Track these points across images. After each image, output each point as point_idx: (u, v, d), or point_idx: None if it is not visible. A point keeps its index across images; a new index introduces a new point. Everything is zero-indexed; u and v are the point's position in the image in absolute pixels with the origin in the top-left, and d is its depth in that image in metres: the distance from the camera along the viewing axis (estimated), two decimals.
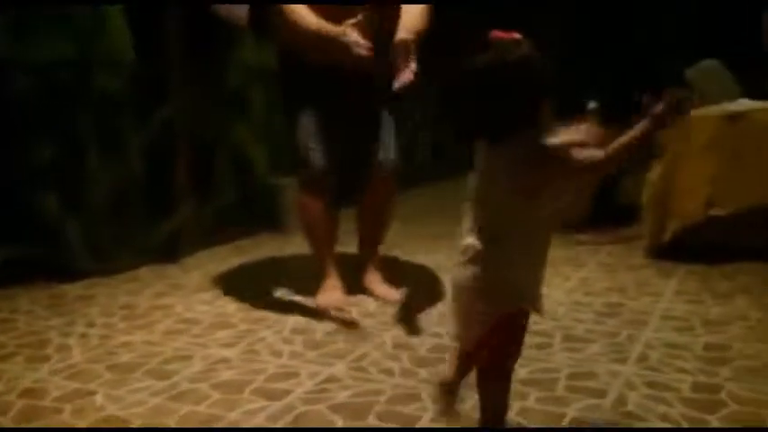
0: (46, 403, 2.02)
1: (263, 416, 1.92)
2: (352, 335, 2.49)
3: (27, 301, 2.94)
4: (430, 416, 1.90)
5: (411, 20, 2.58)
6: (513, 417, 1.87)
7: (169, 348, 2.41)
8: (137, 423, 1.89)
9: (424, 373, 2.16)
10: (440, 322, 2.58)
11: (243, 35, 3.96)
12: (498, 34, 1.52)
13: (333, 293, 2.83)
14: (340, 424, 1.87)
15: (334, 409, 1.95)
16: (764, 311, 2.67)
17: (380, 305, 2.81)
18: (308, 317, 2.67)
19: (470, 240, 1.57)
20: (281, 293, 2.96)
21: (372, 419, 1.89)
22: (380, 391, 2.05)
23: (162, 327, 2.62)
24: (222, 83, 3.96)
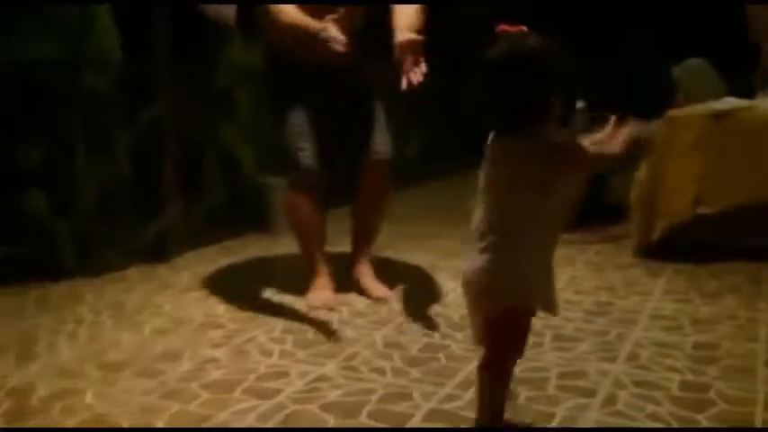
0: (34, 402, 2.00)
1: (253, 415, 1.91)
2: (342, 334, 2.49)
3: (15, 299, 2.92)
4: (422, 414, 1.90)
5: (408, 20, 2.54)
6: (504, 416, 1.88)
7: (158, 348, 2.40)
8: (126, 422, 1.88)
9: (415, 373, 2.16)
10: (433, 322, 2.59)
11: (231, 35, 3.95)
12: (505, 27, 1.54)
13: (323, 293, 2.82)
14: (331, 423, 1.86)
15: (325, 408, 1.94)
16: (753, 310, 2.68)
17: (371, 304, 2.81)
18: (299, 317, 2.67)
19: (480, 233, 1.58)
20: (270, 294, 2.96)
21: (364, 418, 1.88)
22: (372, 390, 2.05)
23: (151, 326, 2.61)
24: (210, 83, 3.95)
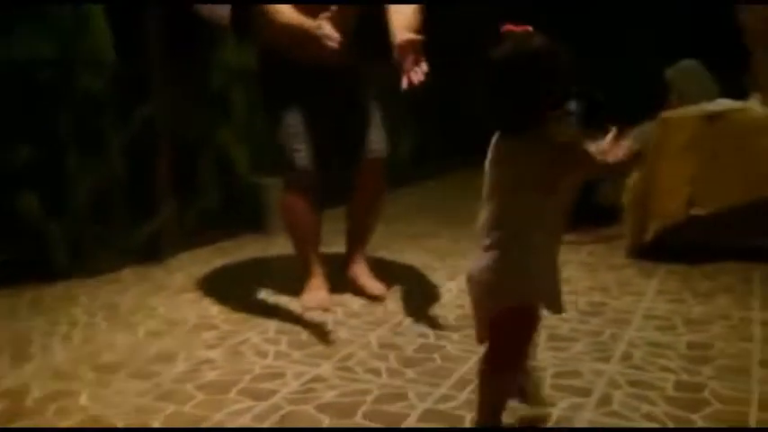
0: (29, 403, 2.00)
1: (248, 416, 1.91)
2: (337, 335, 2.49)
3: (9, 301, 2.91)
4: (417, 415, 1.90)
5: (407, 20, 2.53)
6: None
7: (153, 349, 2.39)
8: (121, 423, 1.88)
9: (410, 373, 2.16)
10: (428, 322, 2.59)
11: (224, 35, 3.94)
12: (510, 27, 1.55)
13: (318, 294, 2.82)
14: (327, 424, 1.86)
15: (321, 408, 1.94)
16: (746, 311, 2.70)
17: (366, 305, 2.81)
18: (293, 318, 2.67)
19: (485, 232, 1.59)
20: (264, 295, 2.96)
21: (359, 419, 1.88)
22: (367, 390, 2.05)
23: (145, 327, 2.60)
24: (204, 83, 3.94)
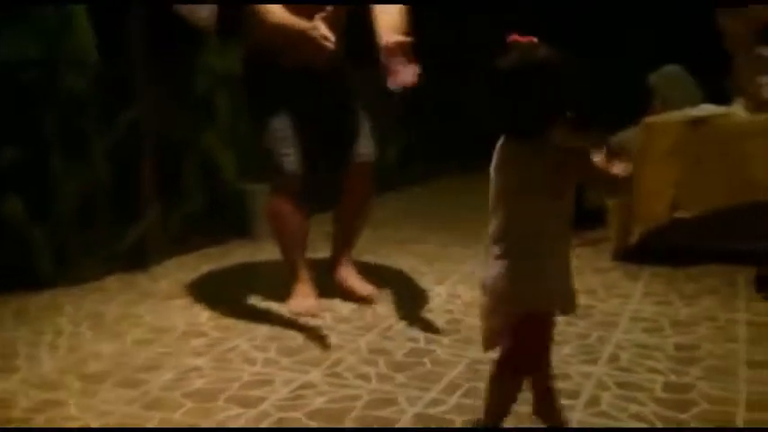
0: (17, 414, 1.98)
1: (237, 424, 1.90)
2: (327, 341, 2.48)
3: None
4: (407, 419, 1.90)
5: (393, 21, 2.52)
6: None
7: (139, 358, 2.38)
8: None
9: (400, 378, 2.16)
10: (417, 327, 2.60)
11: (207, 37, 3.91)
12: (516, 38, 1.57)
13: (305, 299, 2.80)
14: None
15: (310, 415, 1.94)
16: (732, 312, 2.72)
17: (355, 310, 2.80)
18: (282, 324, 2.66)
19: (496, 240, 1.61)
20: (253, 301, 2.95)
21: (349, 425, 1.88)
22: (357, 396, 2.05)
23: (132, 336, 2.58)
24: (188, 85, 3.92)
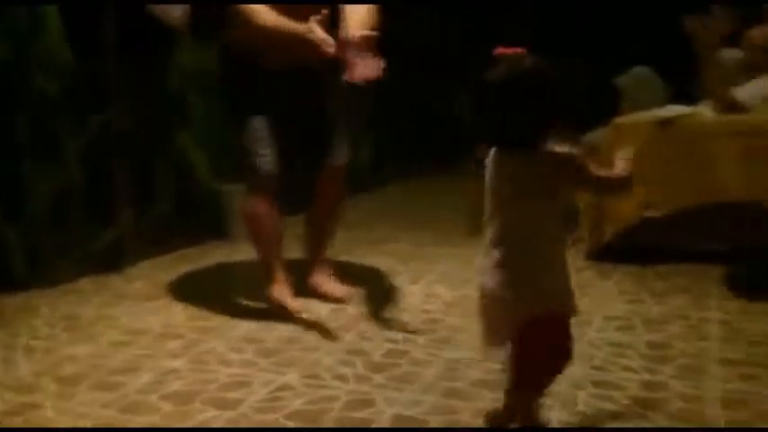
0: None
1: (216, 426, 1.90)
2: (304, 342, 2.49)
3: None
4: (386, 420, 1.91)
5: (362, 18, 2.55)
6: (467, 419, 1.91)
7: (116, 360, 2.36)
8: None
9: (378, 378, 2.17)
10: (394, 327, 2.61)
11: (180, 37, 3.89)
12: (503, 50, 1.59)
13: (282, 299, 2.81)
14: None
15: (288, 417, 1.94)
16: (704, 310, 2.76)
17: (332, 311, 2.81)
18: (259, 325, 2.66)
19: (493, 246, 1.63)
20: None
21: (327, 426, 1.89)
22: (335, 397, 2.05)
23: (107, 338, 2.57)
24: (162, 86, 3.89)
